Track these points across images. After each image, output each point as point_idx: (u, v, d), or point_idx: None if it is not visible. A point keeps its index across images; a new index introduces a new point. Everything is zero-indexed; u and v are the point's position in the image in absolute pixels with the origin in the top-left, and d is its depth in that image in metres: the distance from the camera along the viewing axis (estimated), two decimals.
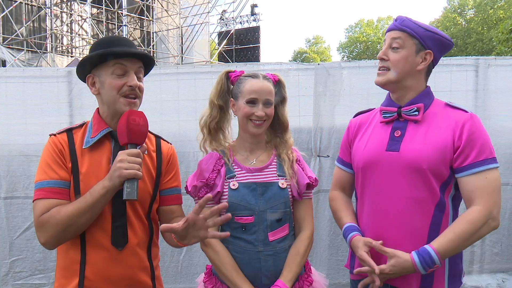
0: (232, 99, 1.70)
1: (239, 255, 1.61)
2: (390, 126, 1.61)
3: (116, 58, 1.43)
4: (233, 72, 1.72)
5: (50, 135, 1.49)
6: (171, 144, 1.69)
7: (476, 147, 1.47)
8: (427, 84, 1.64)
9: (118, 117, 1.46)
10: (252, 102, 1.62)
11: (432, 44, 1.56)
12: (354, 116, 1.84)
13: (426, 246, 1.45)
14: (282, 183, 1.63)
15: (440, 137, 1.51)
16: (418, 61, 1.56)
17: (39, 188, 1.41)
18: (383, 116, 1.64)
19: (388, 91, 1.67)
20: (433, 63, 1.61)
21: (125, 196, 1.34)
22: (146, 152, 1.49)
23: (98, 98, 1.50)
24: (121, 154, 1.36)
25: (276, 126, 1.74)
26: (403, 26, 1.56)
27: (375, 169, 1.60)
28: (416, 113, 1.56)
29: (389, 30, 1.62)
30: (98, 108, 1.54)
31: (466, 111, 1.54)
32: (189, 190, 1.67)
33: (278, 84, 1.72)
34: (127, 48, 1.46)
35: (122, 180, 1.33)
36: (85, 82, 1.53)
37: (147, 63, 1.53)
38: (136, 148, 1.39)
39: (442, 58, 1.55)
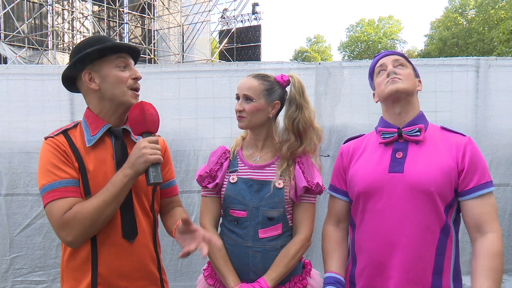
0: None
1: (230, 247, 1.67)
2: (391, 148, 1.58)
3: (117, 52, 1.46)
4: None
5: (46, 138, 1.46)
6: (160, 136, 1.70)
7: (479, 170, 1.48)
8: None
9: (121, 111, 1.48)
10: (237, 97, 1.70)
11: (417, 73, 1.66)
12: (344, 143, 1.79)
13: None
14: (279, 183, 1.64)
15: (444, 159, 1.50)
16: (416, 84, 1.62)
17: (51, 190, 1.37)
18: (383, 137, 1.60)
19: (380, 118, 1.68)
20: None
21: (152, 180, 1.38)
22: None
23: (96, 94, 1.47)
24: (143, 142, 1.39)
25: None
26: (396, 53, 1.65)
27: (377, 192, 1.54)
28: (418, 133, 1.55)
29: (384, 56, 1.66)
30: (88, 108, 1.53)
31: (464, 135, 1.56)
32: (196, 178, 1.76)
33: (280, 85, 1.72)
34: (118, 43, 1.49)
35: (147, 166, 1.37)
36: (67, 86, 1.56)
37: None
38: (152, 136, 1.44)
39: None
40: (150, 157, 1.36)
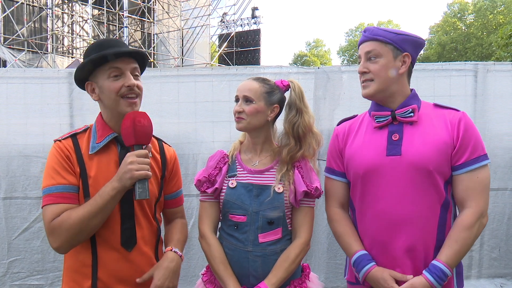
0: None
1: (230, 252, 1.67)
2: (386, 130, 1.60)
3: (109, 61, 1.44)
4: None
5: (55, 141, 1.48)
6: (171, 147, 1.72)
7: (471, 145, 1.51)
8: (412, 88, 1.66)
9: (122, 120, 1.47)
10: (236, 99, 1.70)
11: (407, 46, 1.58)
12: (338, 124, 1.82)
13: (435, 262, 1.48)
14: (279, 187, 1.64)
15: (439, 136, 1.53)
16: (398, 65, 1.58)
17: (48, 194, 1.40)
18: (377, 121, 1.63)
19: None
20: (412, 63, 1.63)
21: (137, 197, 1.37)
22: (150, 155, 1.51)
23: (100, 104, 1.51)
24: (130, 156, 1.38)
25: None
26: (374, 36, 1.58)
27: (377, 175, 1.57)
28: (412, 114, 1.57)
29: (361, 43, 1.63)
30: (100, 113, 1.55)
31: (458, 110, 1.58)
32: (195, 183, 1.76)
33: (279, 89, 1.73)
34: (117, 48, 1.46)
35: (133, 182, 1.36)
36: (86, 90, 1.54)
37: (141, 62, 1.54)
38: (142, 148, 1.42)
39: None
40: (135, 173, 1.35)
